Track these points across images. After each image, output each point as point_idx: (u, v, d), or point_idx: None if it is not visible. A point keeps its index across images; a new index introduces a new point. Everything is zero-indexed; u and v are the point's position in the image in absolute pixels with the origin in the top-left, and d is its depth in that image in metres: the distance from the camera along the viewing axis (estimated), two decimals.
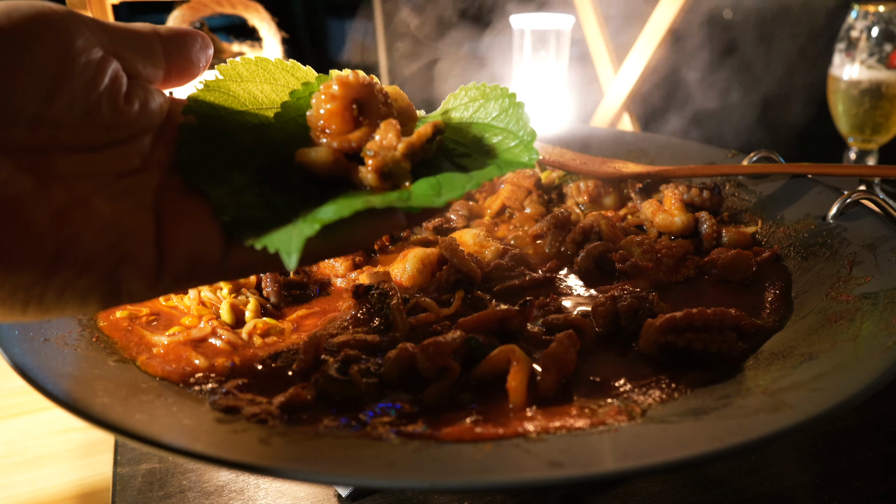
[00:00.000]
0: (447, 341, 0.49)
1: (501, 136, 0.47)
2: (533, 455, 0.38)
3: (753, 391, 0.44)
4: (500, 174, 0.43)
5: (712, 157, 0.88)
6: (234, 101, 0.47)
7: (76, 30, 0.38)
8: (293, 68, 0.50)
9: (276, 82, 0.49)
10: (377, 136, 0.43)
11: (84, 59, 0.38)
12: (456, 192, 0.41)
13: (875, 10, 1.07)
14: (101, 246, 0.36)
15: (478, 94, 0.49)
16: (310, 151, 0.44)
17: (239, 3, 1.02)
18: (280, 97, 0.48)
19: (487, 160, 0.46)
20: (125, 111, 0.40)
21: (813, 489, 0.54)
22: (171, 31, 0.44)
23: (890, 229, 0.62)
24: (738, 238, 0.72)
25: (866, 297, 0.53)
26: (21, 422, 0.71)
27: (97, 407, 0.41)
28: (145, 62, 0.42)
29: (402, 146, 0.42)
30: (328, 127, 0.44)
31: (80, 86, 0.37)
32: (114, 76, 0.40)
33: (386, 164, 0.42)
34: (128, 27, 0.42)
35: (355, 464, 0.38)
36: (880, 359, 0.43)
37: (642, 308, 0.56)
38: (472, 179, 0.42)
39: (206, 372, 0.51)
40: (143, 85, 0.43)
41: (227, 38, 1.04)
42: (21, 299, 0.34)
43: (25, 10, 0.36)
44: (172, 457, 0.51)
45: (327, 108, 0.43)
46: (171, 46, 0.44)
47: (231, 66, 0.48)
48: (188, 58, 0.45)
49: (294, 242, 0.37)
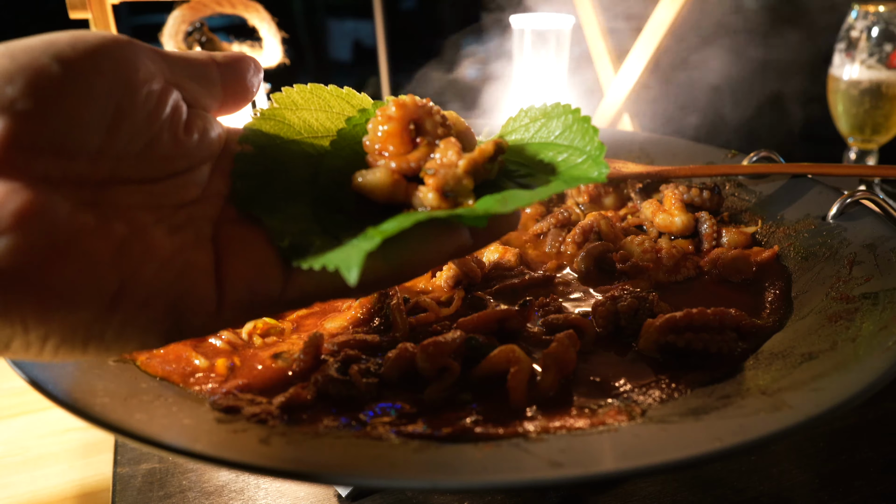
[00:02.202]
0: (447, 341, 0.49)
1: (567, 153, 0.46)
2: (533, 455, 0.38)
3: (753, 391, 0.44)
4: (567, 188, 0.42)
5: (712, 157, 0.88)
6: (290, 130, 0.46)
7: (138, 60, 0.37)
8: (348, 95, 0.49)
9: (331, 110, 0.48)
10: (437, 155, 0.42)
11: (146, 90, 0.37)
12: (523, 201, 0.39)
13: (875, 10, 1.07)
14: (162, 281, 0.35)
15: (539, 114, 0.48)
16: (367, 173, 0.42)
17: (239, 2, 1.02)
18: (335, 125, 0.48)
19: (551, 178, 0.44)
20: (185, 141, 0.40)
21: (813, 489, 0.54)
22: (226, 58, 0.44)
23: (890, 229, 0.62)
24: (738, 238, 0.72)
25: (866, 297, 0.53)
26: (21, 421, 0.71)
27: (97, 407, 0.41)
28: (204, 90, 0.42)
29: (464, 163, 0.41)
30: (385, 149, 0.43)
31: (141, 117, 0.37)
32: (174, 106, 0.39)
33: (447, 183, 0.41)
34: (185, 55, 0.42)
35: (355, 464, 0.38)
36: (880, 359, 0.43)
37: (642, 308, 0.56)
38: (539, 192, 0.41)
39: (207, 372, 0.51)
40: (202, 114, 0.42)
41: (226, 38, 1.04)
42: (81, 337, 0.33)
43: (90, 40, 0.36)
44: (172, 457, 0.51)
45: (384, 130, 0.43)
46: (228, 73, 0.44)
47: (286, 95, 0.47)
48: (243, 84, 0.45)
49: (354, 258, 0.36)
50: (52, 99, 0.33)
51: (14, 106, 0.32)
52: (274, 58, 1.05)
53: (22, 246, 0.30)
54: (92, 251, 0.33)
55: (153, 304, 0.35)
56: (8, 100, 0.32)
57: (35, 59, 0.33)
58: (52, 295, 0.31)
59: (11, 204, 0.30)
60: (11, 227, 0.30)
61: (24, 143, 0.32)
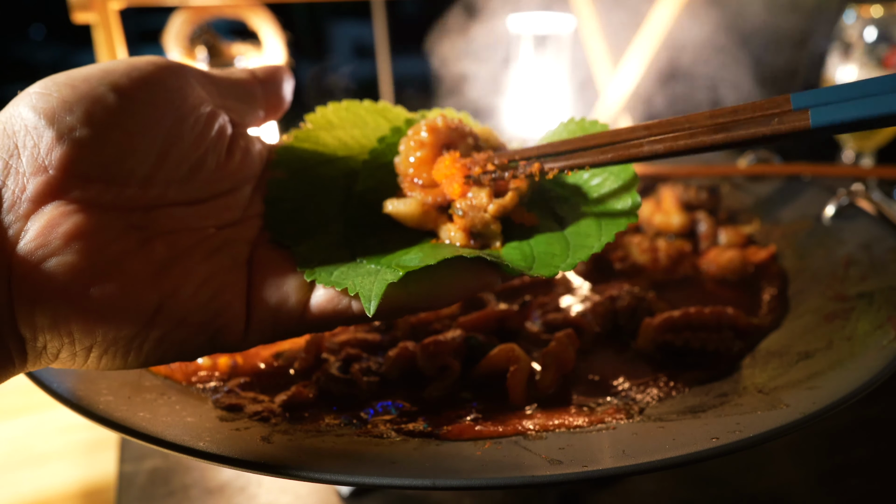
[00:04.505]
0: (447, 340, 0.50)
1: (601, 177, 0.44)
2: (532, 453, 0.38)
3: (750, 389, 0.44)
4: (599, 250, 0.40)
5: (710, 158, 0.88)
6: (324, 149, 0.46)
7: (188, 87, 0.39)
8: (384, 110, 0.49)
9: (366, 126, 0.48)
10: (470, 194, 0.41)
11: (194, 117, 0.38)
12: (548, 271, 0.38)
13: (870, 12, 1.07)
14: (199, 301, 0.37)
15: (577, 129, 0.46)
16: (398, 203, 0.42)
17: (242, 5, 1.03)
18: (370, 141, 0.47)
19: (584, 207, 0.43)
20: (228, 163, 0.41)
21: (809, 486, 0.55)
22: (266, 72, 0.45)
23: (885, 230, 0.62)
24: (736, 238, 0.73)
25: (862, 296, 0.54)
26: (26, 420, 0.71)
27: (101, 405, 0.41)
28: (249, 108, 0.43)
29: (494, 208, 0.41)
30: (418, 176, 0.43)
31: (189, 143, 0.38)
32: (220, 129, 0.40)
33: (475, 226, 0.41)
34: (230, 76, 0.43)
35: (356, 462, 0.38)
36: (876, 357, 0.43)
37: (640, 307, 0.57)
38: (568, 259, 0.39)
39: (209, 370, 0.52)
40: (244, 133, 0.43)
41: (228, 37, 1.05)
42: (122, 349, 0.35)
43: (144, 69, 0.37)
44: (175, 454, 0.51)
45: (417, 157, 0.42)
46: (268, 87, 0.44)
47: (320, 115, 0.47)
48: (280, 95, 0.46)
49: (376, 288, 0.36)
50: (108, 128, 0.35)
51: (73, 134, 0.33)
52: (276, 60, 1.05)
53: (71, 265, 0.32)
54: (134, 272, 0.34)
55: (189, 323, 0.36)
56: (68, 128, 0.33)
57: (93, 89, 0.35)
58: (96, 310, 0.33)
59: (63, 226, 0.32)
60: (62, 247, 0.32)
61: (80, 171, 0.34)
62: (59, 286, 0.32)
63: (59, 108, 0.34)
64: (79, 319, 0.32)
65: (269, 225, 0.42)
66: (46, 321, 0.32)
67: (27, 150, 0.33)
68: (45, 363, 0.34)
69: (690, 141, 0.37)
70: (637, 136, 0.40)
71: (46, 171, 0.33)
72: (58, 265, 0.32)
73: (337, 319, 0.39)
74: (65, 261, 0.32)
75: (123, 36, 0.90)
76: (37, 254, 0.32)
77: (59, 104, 0.34)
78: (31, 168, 0.33)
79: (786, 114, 0.35)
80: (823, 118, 0.33)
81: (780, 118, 0.35)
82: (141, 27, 1.94)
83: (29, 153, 0.33)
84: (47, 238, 0.32)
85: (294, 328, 0.39)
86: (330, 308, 0.38)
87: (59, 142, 0.33)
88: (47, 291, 0.32)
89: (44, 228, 0.32)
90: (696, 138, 0.37)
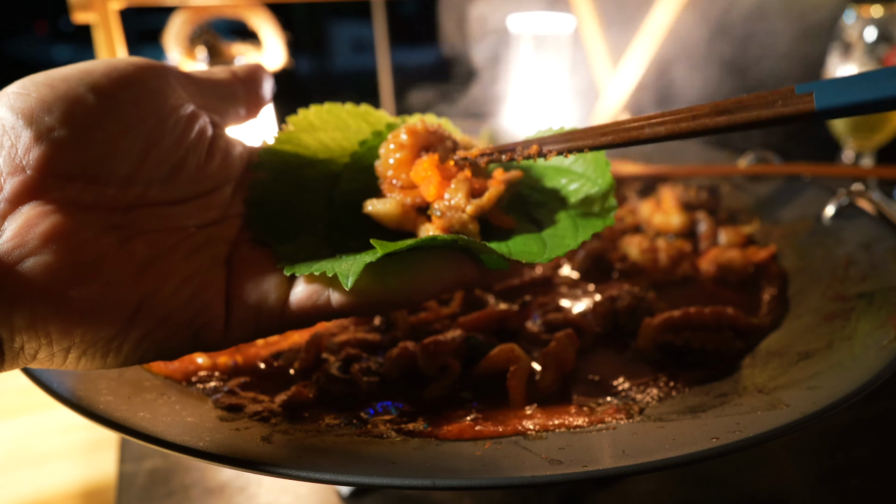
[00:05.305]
0: (447, 340, 0.50)
1: (578, 182, 0.45)
2: (532, 453, 0.38)
3: (750, 389, 0.45)
4: (575, 248, 0.40)
5: (710, 158, 0.88)
6: (306, 151, 0.46)
7: (169, 87, 0.38)
8: (365, 113, 0.49)
9: (347, 129, 0.48)
10: (447, 195, 0.42)
11: (175, 118, 0.38)
12: (526, 258, 0.39)
13: (870, 12, 1.07)
14: (179, 300, 0.36)
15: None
16: (377, 203, 0.43)
17: (242, 5, 1.03)
18: (351, 144, 0.47)
19: (562, 212, 0.44)
20: (209, 164, 0.41)
21: (809, 486, 0.55)
22: (246, 71, 0.45)
23: (885, 230, 0.62)
24: (736, 238, 0.73)
25: (862, 296, 0.54)
26: (26, 420, 0.71)
27: (101, 405, 0.41)
28: (230, 108, 0.43)
29: (472, 209, 0.41)
30: (397, 178, 0.43)
31: (169, 143, 0.38)
32: (200, 131, 0.40)
33: (453, 226, 0.41)
34: (212, 76, 0.43)
35: (356, 462, 0.38)
36: (876, 357, 0.43)
37: (640, 307, 0.57)
38: (545, 254, 0.40)
39: (209, 370, 0.52)
40: (224, 135, 0.43)
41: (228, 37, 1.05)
42: (102, 350, 0.34)
43: (124, 69, 0.37)
44: (175, 454, 0.51)
45: (396, 158, 0.43)
46: (249, 86, 0.45)
47: (302, 117, 0.47)
48: (260, 94, 0.46)
49: (354, 267, 0.36)
50: (87, 128, 0.34)
51: (51, 134, 0.33)
52: (276, 60, 1.05)
53: (49, 265, 0.32)
54: (114, 272, 0.34)
55: (170, 322, 0.36)
56: (46, 128, 0.33)
57: (72, 90, 0.34)
58: (75, 311, 0.32)
59: (41, 226, 0.32)
60: (39, 247, 0.32)
61: (58, 171, 0.33)
62: (37, 287, 0.31)
63: (38, 108, 0.33)
64: (57, 320, 0.32)
65: (250, 226, 0.42)
66: (24, 322, 0.31)
67: (4, 150, 0.33)
68: (22, 363, 0.34)
69: (693, 123, 0.37)
70: (638, 124, 0.40)
71: (24, 171, 0.33)
72: (35, 265, 0.31)
73: (317, 315, 0.39)
74: (42, 261, 0.32)
75: (123, 36, 0.90)
76: (13, 254, 0.31)
77: (37, 104, 0.33)
78: (8, 168, 0.32)
79: (790, 97, 0.35)
80: (828, 101, 0.33)
81: (783, 101, 0.35)
82: (141, 27, 1.94)
83: (6, 153, 0.33)
84: (24, 238, 0.32)
85: (275, 325, 0.39)
86: (309, 304, 0.39)
87: (37, 142, 0.33)
88: (24, 292, 0.31)
89: (20, 228, 0.32)
90: (698, 121, 0.37)
